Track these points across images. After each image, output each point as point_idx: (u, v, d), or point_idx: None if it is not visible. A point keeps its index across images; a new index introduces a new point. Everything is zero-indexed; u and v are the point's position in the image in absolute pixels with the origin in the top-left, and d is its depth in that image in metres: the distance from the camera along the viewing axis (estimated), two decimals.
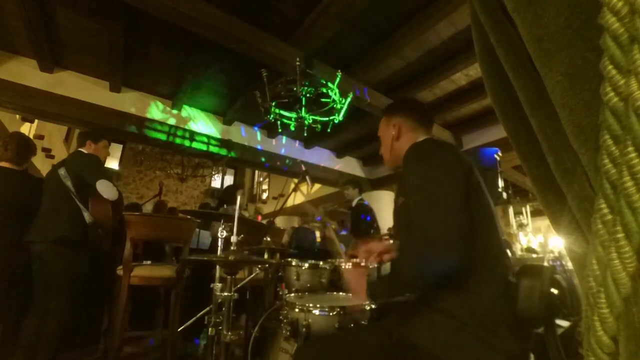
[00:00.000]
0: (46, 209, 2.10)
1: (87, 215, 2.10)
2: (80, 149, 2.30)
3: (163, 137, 4.15)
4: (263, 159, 4.95)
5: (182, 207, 8.42)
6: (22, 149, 2.25)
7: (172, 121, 4.21)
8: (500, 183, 2.43)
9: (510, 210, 4.08)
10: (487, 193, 0.97)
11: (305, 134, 3.54)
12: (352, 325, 1.25)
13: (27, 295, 2.09)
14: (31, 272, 2.06)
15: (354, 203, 3.80)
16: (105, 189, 2.08)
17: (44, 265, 2.00)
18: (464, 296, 0.86)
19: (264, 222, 3.91)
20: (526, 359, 0.84)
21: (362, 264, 1.15)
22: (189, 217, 2.35)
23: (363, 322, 1.28)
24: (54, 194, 2.11)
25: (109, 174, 2.33)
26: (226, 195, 3.98)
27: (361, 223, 3.58)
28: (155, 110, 4.13)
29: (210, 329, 1.50)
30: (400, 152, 1.09)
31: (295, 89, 2.90)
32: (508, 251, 1.04)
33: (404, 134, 1.13)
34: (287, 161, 5.11)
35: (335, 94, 3.10)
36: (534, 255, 3.26)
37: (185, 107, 4.35)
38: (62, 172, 2.10)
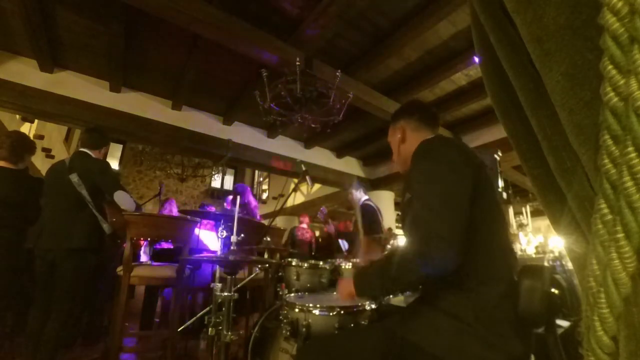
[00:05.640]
0: (58, 214, 2.00)
1: (106, 227, 2.06)
2: (87, 151, 2.17)
3: (163, 137, 4.15)
4: (263, 159, 4.95)
5: (182, 207, 8.41)
6: (17, 147, 2.20)
7: (172, 121, 4.21)
8: (500, 183, 2.43)
9: (510, 210, 4.09)
10: (495, 191, 0.97)
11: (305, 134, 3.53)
12: (352, 325, 1.24)
13: (27, 296, 2.08)
14: (32, 273, 2.01)
15: (360, 203, 3.72)
16: (123, 200, 2.04)
17: (55, 270, 1.93)
18: (467, 296, 0.85)
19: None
20: (527, 359, 0.84)
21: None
22: (188, 217, 2.35)
23: (363, 323, 1.27)
24: (66, 200, 2.02)
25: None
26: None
27: (371, 223, 3.53)
28: (155, 110, 4.13)
29: (210, 329, 1.49)
30: (407, 154, 1.09)
31: (295, 89, 2.89)
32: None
33: (408, 135, 1.14)
34: (286, 161, 5.11)
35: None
36: (534, 256, 3.26)
37: (185, 107, 4.35)
38: (75, 179, 2.00)
